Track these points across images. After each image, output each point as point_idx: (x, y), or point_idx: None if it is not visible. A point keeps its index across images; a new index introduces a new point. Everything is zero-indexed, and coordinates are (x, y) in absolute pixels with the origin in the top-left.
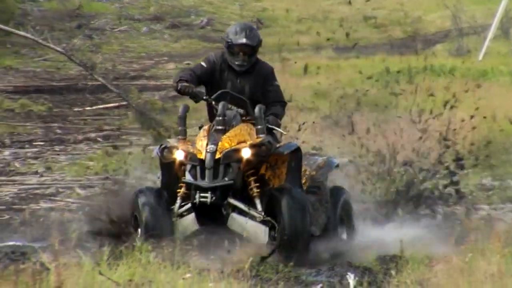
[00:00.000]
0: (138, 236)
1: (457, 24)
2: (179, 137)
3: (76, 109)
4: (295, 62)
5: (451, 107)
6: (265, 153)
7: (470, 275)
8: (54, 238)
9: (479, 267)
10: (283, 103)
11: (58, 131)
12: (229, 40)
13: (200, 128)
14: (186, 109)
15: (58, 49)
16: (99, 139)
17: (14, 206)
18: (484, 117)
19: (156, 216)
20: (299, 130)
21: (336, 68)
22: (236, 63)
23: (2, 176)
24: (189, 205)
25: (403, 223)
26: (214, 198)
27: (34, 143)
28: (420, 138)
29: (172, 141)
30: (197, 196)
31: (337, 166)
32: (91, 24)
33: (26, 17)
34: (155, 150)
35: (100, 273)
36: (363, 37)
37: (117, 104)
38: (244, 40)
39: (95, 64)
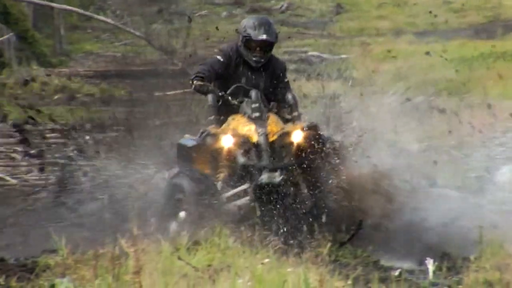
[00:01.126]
0: (180, 219)
1: None
2: (213, 125)
3: (156, 93)
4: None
5: None
6: (313, 137)
7: None
8: (133, 223)
9: None
10: None
11: (139, 115)
12: (247, 35)
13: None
14: (216, 98)
15: (138, 34)
16: (179, 124)
17: (94, 191)
18: None
19: (204, 196)
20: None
21: (416, 52)
22: (254, 58)
23: (83, 161)
24: (241, 188)
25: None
26: (282, 177)
27: (115, 128)
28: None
29: (212, 129)
30: (264, 176)
31: None
32: (171, 9)
33: (106, 2)
34: (190, 140)
35: (179, 258)
36: (443, 22)
37: None
38: (264, 37)
39: (175, 49)
